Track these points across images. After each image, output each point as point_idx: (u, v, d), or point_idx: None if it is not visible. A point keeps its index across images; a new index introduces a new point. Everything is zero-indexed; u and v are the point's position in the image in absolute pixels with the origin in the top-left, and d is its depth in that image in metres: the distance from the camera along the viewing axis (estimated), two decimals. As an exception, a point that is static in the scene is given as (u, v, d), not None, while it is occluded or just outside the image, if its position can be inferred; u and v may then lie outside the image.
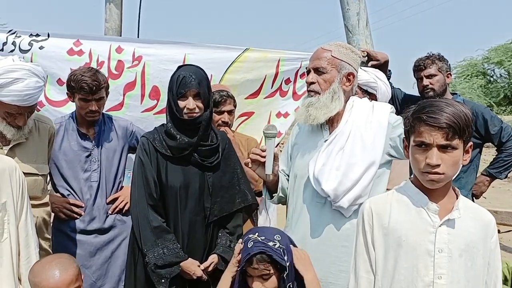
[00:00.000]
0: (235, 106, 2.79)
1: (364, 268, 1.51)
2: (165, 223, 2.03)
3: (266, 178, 2.01)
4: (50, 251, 2.27)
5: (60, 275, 1.62)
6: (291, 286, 1.72)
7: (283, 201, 2.16)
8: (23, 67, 2.00)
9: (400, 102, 3.11)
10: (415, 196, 1.47)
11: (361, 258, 1.52)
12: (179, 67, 2.11)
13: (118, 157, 2.54)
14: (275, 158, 1.96)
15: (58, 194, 2.47)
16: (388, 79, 2.92)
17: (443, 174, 1.37)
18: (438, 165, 1.36)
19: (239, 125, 3.33)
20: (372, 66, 2.92)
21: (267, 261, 1.69)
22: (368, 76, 2.63)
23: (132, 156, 2.80)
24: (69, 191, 2.45)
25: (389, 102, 2.69)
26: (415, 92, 3.24)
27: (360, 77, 2.57)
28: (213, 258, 2.06)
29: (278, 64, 3.25)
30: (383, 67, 2.96)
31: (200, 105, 2.01)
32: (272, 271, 1.70)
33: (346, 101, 1.97)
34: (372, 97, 2.59)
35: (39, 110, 2.96)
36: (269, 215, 2.97)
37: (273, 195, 2.10)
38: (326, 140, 1.95)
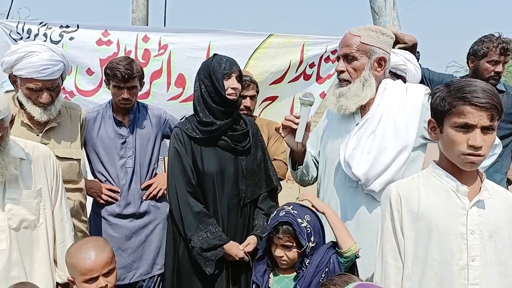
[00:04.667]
0: (257, 92, 2.81)
1: (392, 255, 1.49)
2: (204, 208, 2.09)
3: (295, 146, 1.98)
4: (87, 232, 2.37)
5: (96, 257, 1.67)
6: (307, 263, 1.73)
7: (305, 179, 2.14)
8: (39, 43, 2.11)
9: (430, 82, 3.02)
10: (443, 179, 1.45)
11: (389, 244, 1.50)
12: (213, 56, 2.16)
13: (152, 144, 2.60)
14: (307, 127, 1.93)
15: (96, 180, 2.56)
16: (417, 61, 2.85)
17: (483, 155, 1.35)
18: (481, 147, 1.33)
19: (263, 109, 3.35)
20: (400, 49, 2.85)
21: (291, 233, 1.72)
22: (397, 58, 2.56)
23: (166, 143, 2.87)
24: (105, 176, 2.53)
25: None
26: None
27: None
28: (251, 239, 2.13)
29: (302, 49, 3.23)
30: (411, 50, 2.88)
31: (240, 87, 2.11)
32: (294, 245, 1.73)
33: (378, 85, 1.92)
34: (401, 79, 2.54)
35: (70, 100, 3.06)
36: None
37: (298, 167, 2.08)
38: (358, 124, 1.92)
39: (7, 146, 1.67)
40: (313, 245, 1.73)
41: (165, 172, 3.08)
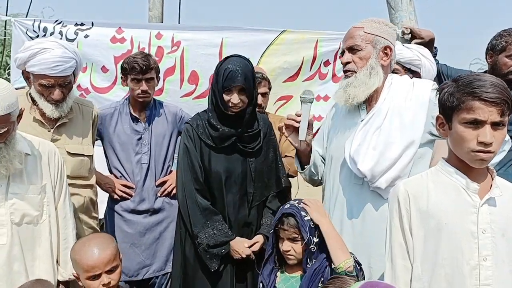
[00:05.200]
0: (269, 89, 2.78)
1: (401, 255, 1.45)
2: (211, 205, 2.08)
3: (299, 145, 1.96)
4: (98, 229, 2.37)
5: (99, 254, 1.67)
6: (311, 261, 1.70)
7: (315, 179, 2.12)
8: (52, 40, 2.12)
9: (448, 78, 2.94)
10: (452, 176, 1.41)
11: (397, 244, 1.46)
12: (226, 58, 2.10)
13: (167, 142, 2.60)
14: (310, 125, 1.91)
15: (112, 175, 2.58)
16: (434, 57, 2.79)
17: (493, 152, 1.31)
18: (491, 143, 1.29)
19: (278, 109, 3.32)
20: (416, 44, 2.79)
21: (295, 225, 1.69)
22: (411, 53, 2.51)
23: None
24: (121, 172, 2.55)
25: (434, 79, 2.57)
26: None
27: (403, 54, 2.47)
28: (258, 238, 2.11)
29: (316, 45, 3.20)
30: (428, 45, 2.81)
31: (245, 99, 2.04)
32: (299, 237, 1.70)
33: (385, 78, 1.89)
34: (416, 75, 2.48)
35: (85, 97, 3.11)
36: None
37: (305, 167, 2.06)
38: (363, 120, 1.90)
39: (13, 141, 1.67)
40: (317, 240, 1.70)
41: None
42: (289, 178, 2.44)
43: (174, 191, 2.56)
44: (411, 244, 1.44)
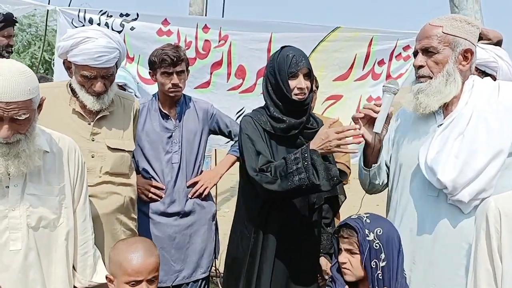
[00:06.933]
0: (317, 88, 2.62)
1: (486, 281, 1.30)
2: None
3: (371, 139, 1.75)
4: (136, 231, 2.23)
5: (145, 259, 1.56)
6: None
7: (375, 183, 1.87)
8: (96, 29, 2.00)
9: None
10: None
11: (483, 268, 1.31)
12: (281, 48, 1.99)
13: (198, 140, 2.47)
14: (388, 118, 1.73)
15: (140, 176, 2.44)
16: (505, 59, 2.54)
17: None
18: None
19: (326, 109, 3.18)
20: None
21: (356, 238, 1.56)
22: (487, 54, 2.27)
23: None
24: (149, 173, 2.42)
25: None
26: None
27: (477, 55, 2.25)
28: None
29: (370, 43, 3.04)
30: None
31: (309, 85, 1.92)
32: (358, 251, 1.57)
33: (464, 82, 1.69)
34: (491, 78, 2.26)
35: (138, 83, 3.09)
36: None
37: (373, 165, 1.83)
38: (441, 125, 1.69)
39: (34, 133, 1.52)
40: (383, 264, 1.52)
41: (210, 169, 2.98)
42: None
43: (205, 192, 2.45)
44: (500, 269, 1.26)
